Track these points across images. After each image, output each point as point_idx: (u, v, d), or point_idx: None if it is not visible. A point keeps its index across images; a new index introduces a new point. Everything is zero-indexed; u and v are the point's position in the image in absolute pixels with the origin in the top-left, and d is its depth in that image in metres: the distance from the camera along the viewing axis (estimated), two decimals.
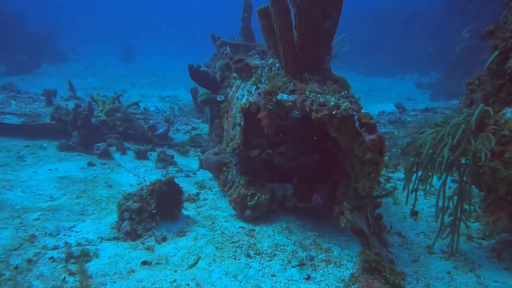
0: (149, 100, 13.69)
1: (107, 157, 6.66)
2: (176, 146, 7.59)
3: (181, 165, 6.60)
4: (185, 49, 36.66)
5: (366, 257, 3.45)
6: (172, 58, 30.24)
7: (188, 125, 8.67)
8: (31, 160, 6.39)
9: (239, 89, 4.81)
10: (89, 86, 15.87)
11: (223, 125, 5.34)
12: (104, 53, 30.83)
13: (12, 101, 8.46)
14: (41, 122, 7.54)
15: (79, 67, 22.73)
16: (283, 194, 4.54)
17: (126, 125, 7.42)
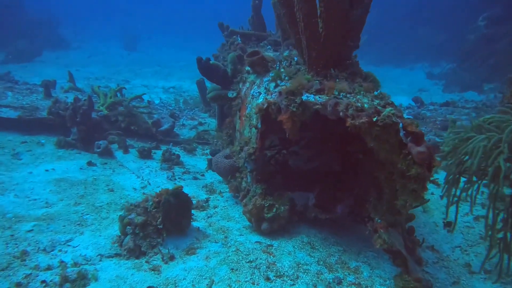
0: (153, 91, 13.16)
1: (108, 156, 6.18)
2: (182, 143, 7.10)
3: (188, 165, 6.11)
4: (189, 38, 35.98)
5: (405, 284, 2.98)
6: (175, 47, 29.63)
7: (194, 120, 8.17)
8: (27, 159, 5.92)
9: (254, 86, 4.29)
10: (91, 76, 15.34)
11: (235, 124, 4.84)
12: (106, 40, 30.19)
13: (8, 92, 7.96)
14: (39, 116, 7.05)
15: (81, 55, 22.17)
16: (303, 204, 4.06)
17: (129, 121, 6.92)
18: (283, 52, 5.37)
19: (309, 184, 4.15)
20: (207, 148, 7.10)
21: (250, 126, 4.00)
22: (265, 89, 3.84)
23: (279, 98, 3.36)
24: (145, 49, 27.98)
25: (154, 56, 23.94)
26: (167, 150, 6.16)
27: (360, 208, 4.03)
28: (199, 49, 28.68)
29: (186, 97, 12.11)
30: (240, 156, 4.20)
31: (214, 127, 7.81)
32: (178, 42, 33.53)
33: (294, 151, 4.55)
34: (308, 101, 3.12)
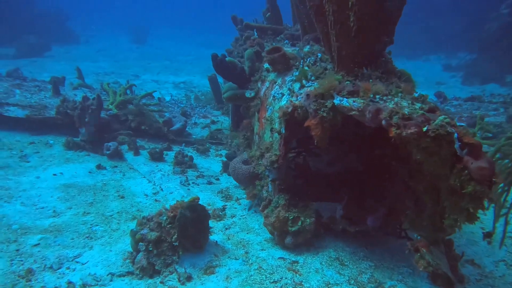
0: (163, 86, 12.85)
1: (118, 158, 5.88)
2: (194, 143, 6.78)
3: (202, 167, 5.79)
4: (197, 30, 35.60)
5: None
6: (184, 40, 29.24)
7: (206, 118, 7.83)
8: (35, 161, 5.65)
9: (275, 86, 3.93)
10: (100, 71, 15.07)
11: (253, 126, 4.49)
12: (115, 34, 29.94)
13: (16, 90, 7.68)
14: (47, 116, 6.77)
15: (89, 49, 21.92)
16: (330, 215, 3.72)
17: (139, 120, 6.61)
18: (303, 47, 5.00)
19: (332, 190, 3.81)
20: (220, 149, 6.77)
21: (272, 130, 3.65)
22: (289, 90, 3.48)
23: (307, 101, 3.00)
24: (154, 42, 27.66)
25: (163, 50, 23.60)
26: (180, 152, 5.84)
27: (393, 220, 3.69)
28: (207, 42, 28.36)
29: (197, 92, 11.77)
30: (260, 163, 3.85)
31: (228, 126, 7.48)
32: (186, 35, 33.15)
33: (314, 152, 4.20)
34: (341, 105, 2.76)
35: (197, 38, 30.14)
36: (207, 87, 13.01)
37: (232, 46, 7.50)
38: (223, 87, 4.77)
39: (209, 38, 29.75)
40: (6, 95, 7.32)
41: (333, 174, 4.29)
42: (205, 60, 20.29)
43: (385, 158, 3.71)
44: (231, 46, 7.50)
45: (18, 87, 7.84)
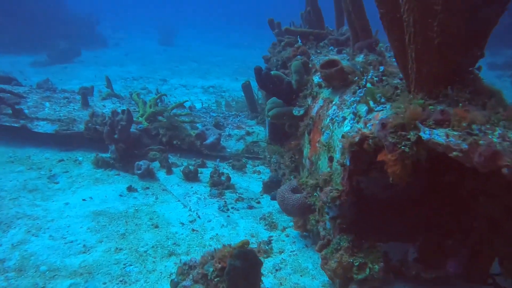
0: (192, 91, 12.46)
1: (150, 178, 5.47)
2: (229, 158, 6.30)
3: (240, 188, 5.31)
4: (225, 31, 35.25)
5: None
6: (212, 41, 28.91)
7: (241, 129, 7.35)
8: (64, 182, 5.30)
9: (332, 105, 3.38)
10: (128, 76, 14.84)
11: (303, 149, 3.96)
12: (143, 36, 29.91)
13: (46, 103, 7.42)
14: (76, 130, 6.45)
15: (118, 53, 21.83)
16: (401, 257, 3.15)
17: (171, 134, 6.19)
18: (354, 55, 4.43)
19: (397, 223, 3.24)
20: (258, 164, 6.27)
21: (330, 159, 3.11)
22: (353, 114, 2.93)
23: (381, 132, 2.44)
24: (181, 43, 27.44)
25: (190, 52, 23.30)
26: (215, 171, 5.38)
27: (477, 265, 3.09)
28: (235, 43, 27.92)
29: (228, 98, 11.33)
30: (315, 195, 3.32)
31: (264, 137, 6.98)
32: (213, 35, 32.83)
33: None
34: (432, 141, 2.19)
35: (225, 39, 29.76)
36: (237, 91, 12.58)
37: (269, 52, 6.98)
38: (267, 103, 4.26)
39: (236, 38, 29.37)
40: (36, 109, 7.06)
41: (393, 201, 3.71)
42: (234, 61, 19.92)
43: (457, 185, 3.12)
44: (268, 52, 6.99)
45: (47, 99, 7.57)
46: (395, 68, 3.57)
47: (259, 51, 23.12)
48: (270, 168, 5.95)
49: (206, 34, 33.36)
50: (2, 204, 4.57)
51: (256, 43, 26.84)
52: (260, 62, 19.09)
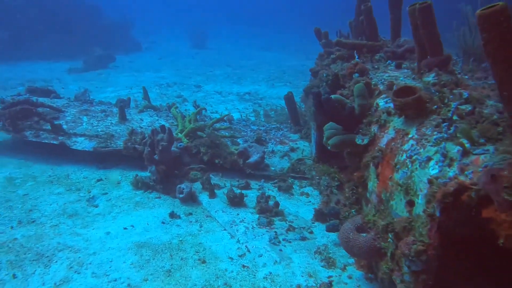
0: (228, 99, 12.19)
1: (192, 202, 5.19)
2: (275, 178, 5.95)
3: (289, 214, 4.94)
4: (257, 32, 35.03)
5: None
6: (245, 43, 28.69)
7: (284, 144, 6.97)
8: (103, 206, 5.10)
9: (408, 139, 2.95)
10: (162, 82, 14.75)
11: (367, 181, 3.55)
12: (176, 39, 30.10)
13: (84, 117, 7.31)
14: (114, 148, 6.27)
15: (151, 57, 21.95)
16: None
17: (213, 153, 5.89)
18: (422, 75, 3.98)
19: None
20: (305, 184, 5.88)
21: (412, 205, 2.69)
22: (442, 155, 2.49)
23: (491, 186, 2.02)
24: (214, 46, 27.36)
25: (223, 55, 23.12)
26: (262, 195, 5.04)
27: None
28: (269, 45, 27.56)
29: (265, 106, 10.97)
30: (390, 242, 2.91)
31: (309, 154, 6.59)
32: (246, 37, 32.62)
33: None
34: None
35: (258, 41, 29.47)
36: (274, 99, 12.22)
37: (316, 65, 6.57)
38: (325, 130, 3.86)
39: (270, 40, 29.04)
40: (74, 124, 6.95)
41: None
42: (268, 65, 19.54)
43: None
44: (315, 64, 6.58)
45: (85, 113, 7.46)
46: (478, 92, 3.12)
47: (293, 54, 22.70)
48: (319, 190, 5.56)
49: (239, 35, 33.22)
50: (43, 233, 4.40)
51: (290, 46, 26.45)
52: (296, 67, 18.71)
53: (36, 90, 8.36)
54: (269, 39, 29.32)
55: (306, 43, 27.61)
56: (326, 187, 5.26)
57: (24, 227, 4.53)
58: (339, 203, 4.66)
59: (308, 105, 6.87)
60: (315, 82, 5.93)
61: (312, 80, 6.66)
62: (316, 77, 6.29)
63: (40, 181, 5.78)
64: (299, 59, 20.68)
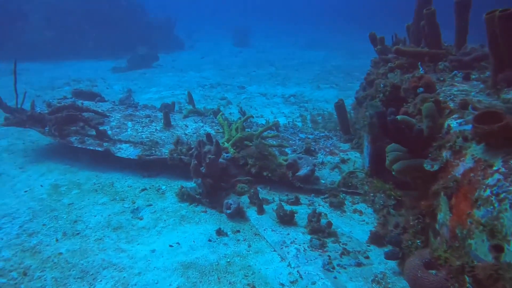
0: (273, 101, 11.99)
1: (240, 218, 5.02)
2: (325, 192, 5.68)
3: (342, 234, 4.66)
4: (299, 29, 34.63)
5: None
6: (287, 41, 28.36)
7: (334, 155, 6.67)
8: (148, 219, 5.05)
9: (493, 172, 2.60)
10: (206, 83, 14.78)
11: (436, 212, 3.22)
12: (219, 37, 30.28)
13: (129, 122, 7.36)
14: (158, 156, 6.23)
15: (194, 56, 22.14)
16: None
17: (261, 165, 5.71)
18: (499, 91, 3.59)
19: None
20: (358, 201, 5.58)
21: (500, 250, 2.38)
22: None
23: None
24: (256, 44, 27.27)
25: (266, 53, 22.95)
26: (314, 213, 4.79)
27: None
28: (312, 43, 27.09)
29: (312, 111, 10.67)
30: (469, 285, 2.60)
31: (361, 166, 6.27)
32: (288, 34, 32.29)
33: None
34: None
35: (300, 39, 29.06)
36: (321, 102, 11.91)
37: (371, 73, 6.22)
38: (388, 152, 3.56)
39: (313, 38, 28.55)
40: (118, 130, 7.00)
41: None
42: (312, 65, 19.15)
43: None
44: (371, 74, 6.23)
45: (130, 118, 7.50)
46: None
47: (338, 53, 22.13)
48: (374, 208, 5.25)
49: (279, 33, 32.94)
50: (88, 247, 4.38)
51: (334, 44, 25.87)
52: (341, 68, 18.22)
53: (82, 93, 8.51)
54: (312, 37, 28.81)
55: (351, 41, 26.97)
56: (382, 207, 4.95)
57: (69, 240, 4.54)
58: (398, 227, 4.33)
59: (361, 114, 6.54)
60: (371, 92, 5.60)
61: (367, 88, 6.32)
62: (371, 86, 5.95)
63: (85, 189, 5.83)
64: (344, 59, 20.16)
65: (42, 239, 4.54)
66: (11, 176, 6.32)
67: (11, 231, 4.70)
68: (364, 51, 22.37)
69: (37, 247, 4.39)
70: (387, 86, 5.01)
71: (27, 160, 6.91)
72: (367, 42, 7.24)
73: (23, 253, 4.28)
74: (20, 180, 6.17)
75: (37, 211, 5.17)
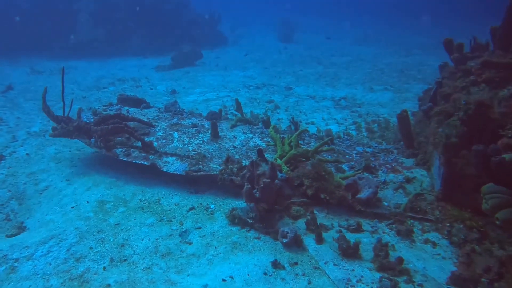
0: (322, 105, 11.50)
1: (297, 247, 4.67)
2: (390, 217, 5.23)
3: (415, 272, 4.20)
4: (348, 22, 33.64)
5: None
6: (334, 35, 27.56)
7: (397, 173, 6.16)
8: (197, 244, 4.81)
9: None
10: (251, 83, 14.48)
11: None
12: (263, 32, 29.96)
13: (175, 133, 7.18)
14: (206, 172, 5.99)
15: (238, 52, 21.93)
16: None
17: (318, 186, 5.32)
18: None
19: None
20: (428, 229, 5.07)
21: None
22: None
23: None
24: (301, 38, 26.70)
25: (312, 49, 22.37)
26: (380, 245, 4.36)
27: None
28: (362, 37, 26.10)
29: (366, 117, 10.11)
30: None
31: (429, 186, 5.74)
32: (335, 28, 31.47)
33: None
34: None
35: (349, 32, 28.18)
36: (374, 106, 11.30)
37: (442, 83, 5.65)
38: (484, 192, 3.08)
39: (362, 32, 27.58)
40: (165, 141, 6.83)
41: None
42: (362, 63, 18.38)
43: None
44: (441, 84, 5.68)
45: (176, 128, 7.32)
46: None
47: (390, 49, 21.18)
48: (451, 240, 4.74)
49: (325, 28, 32.15)
50: (136, 278, 4.18)
51: (386, 39, 24.84)
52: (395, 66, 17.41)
53: (128, 100, 8.45)
54: (361, 32, 27.83)
55: (404, 35, 25.83)
56: (464, 241, 4.45)
57: (117, 268, 4.36)
58: (490, 272, 3.83)
59: (430, 130, 6.00)
60: (446, 107, 5.06)
61: (438, 101, 5.76)
62: (447, 101, 5.39)
63: (131, 207, 5.67)
64: (398, 56, 19.26)
65: (89, 266, 4.40)
66: (58, 189, 6.30)
67: (59, 255, 4.60)
68: (419, 47, 21.40)
69: (85, 275, 4.24)
70: (470, 104, 4.47)
71: (74, 171, 6.88)
72: (422, 36, 6.68)
73: (71, 281, 4.15)
74: (67, 194, 6.13)
75: (83, 232, 5.05)
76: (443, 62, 6.98)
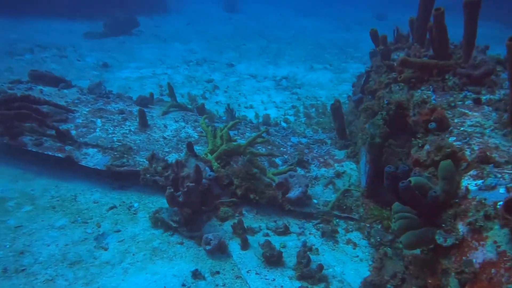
0: (263, 85, 11.32)
1: (220, 254, 4.55)
2: (317, 217, 5.26)
3: (333, 277, 4.24)
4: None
5: None
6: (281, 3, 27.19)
7: (328, 166, 6.18)
8: (114, 250, 4.55)
9: None
10: (191, 58, 13.95)
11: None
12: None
13: (98, 120, 6.69)
14: (131, 166, 5.67)
15: (179, 22, 20.99)
16: None
17: (248, 186, 5.20)
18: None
19: None
20: (352, 228, 5.16)
21: None
22: None
23: None
24: (247, 8, 26.08)
25: (257, 21, 21.92)
26: (304, 251, 4.34)
27: None
28: (307, 9, 26.00)
29: (305, 100, 10.09)
30: None
31: (356, 181, 5.83)
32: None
33: None
34: None
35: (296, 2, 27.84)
36: (314, 87, 11.35)
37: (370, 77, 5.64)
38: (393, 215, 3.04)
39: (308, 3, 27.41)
40: (85, 130, 6.35)
41: None
42: (306, 38, 18.32)
43: None
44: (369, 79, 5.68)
45: (99, 115, 6.83)
46: None
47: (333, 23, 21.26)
48: (369, 243, 4.85)
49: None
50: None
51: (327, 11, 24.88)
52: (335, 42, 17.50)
53: (42, 77, 7.55)
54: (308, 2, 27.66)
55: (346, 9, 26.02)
56: (379, 243, 4.58)
57: (10, 280, 3.94)
58: (395, 278, 3.93)
59: (359, 124, 6.04)
60: (372, 104, 5.08)
61: (368, 100, 5.78)
62: (373, 97, 5.41)
63: (40, 205, 5.18)
64: (339, 31, 19.39)
65: None
66: None
67: None
68: (358, 22, 21.69)
69: None
70: (392, 105, 4.50)
71: None
72: (363, 12, 6.66)
73: None
74: None
75: None
76: (372, 49, 7.02)
